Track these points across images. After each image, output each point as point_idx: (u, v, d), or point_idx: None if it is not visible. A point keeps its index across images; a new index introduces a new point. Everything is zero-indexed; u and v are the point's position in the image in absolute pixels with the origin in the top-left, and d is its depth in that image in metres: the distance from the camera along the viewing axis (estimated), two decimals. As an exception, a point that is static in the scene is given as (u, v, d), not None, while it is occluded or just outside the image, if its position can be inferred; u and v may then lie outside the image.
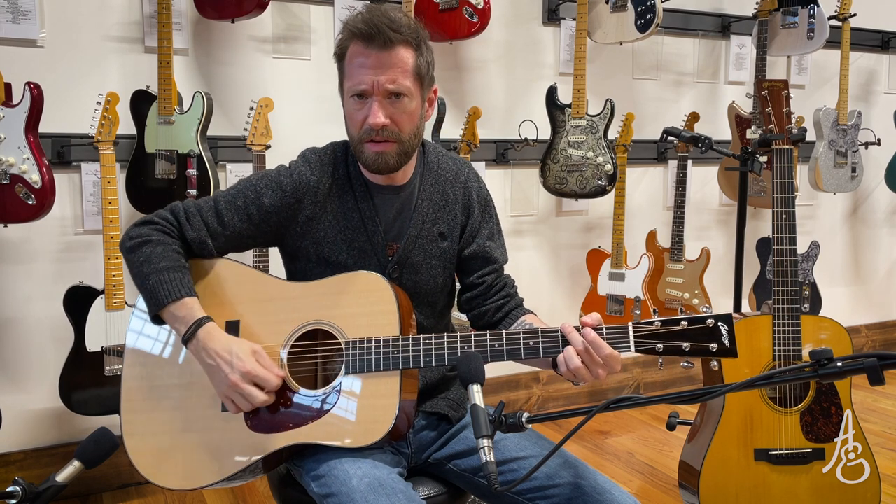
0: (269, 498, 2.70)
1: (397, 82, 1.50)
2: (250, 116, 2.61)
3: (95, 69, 2.71)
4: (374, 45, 1.49)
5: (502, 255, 1.74)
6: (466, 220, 1.70)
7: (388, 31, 1.48)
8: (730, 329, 1.36)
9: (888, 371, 1.07)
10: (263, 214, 1.59)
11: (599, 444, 3.28)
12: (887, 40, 4.23)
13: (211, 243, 1.58)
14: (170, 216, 1.59)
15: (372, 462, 1.43)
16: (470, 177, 1.72)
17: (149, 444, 1.53)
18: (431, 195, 1.66)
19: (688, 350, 1.37)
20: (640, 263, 3.29)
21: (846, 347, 2.12)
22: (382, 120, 1.50)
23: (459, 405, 1.69)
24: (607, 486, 1.47)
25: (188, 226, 1.58)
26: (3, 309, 2.68)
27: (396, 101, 1.51)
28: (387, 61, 1.49)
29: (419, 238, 1.64)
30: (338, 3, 3.03)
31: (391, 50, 1.49)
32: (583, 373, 1.39)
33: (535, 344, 1.44)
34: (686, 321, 1.37)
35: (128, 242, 1.57)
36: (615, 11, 3.20)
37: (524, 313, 1.70)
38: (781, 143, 2.14)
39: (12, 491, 1.26)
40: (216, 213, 1.59)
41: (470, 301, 1.72)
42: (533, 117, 3.33)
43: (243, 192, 1.60)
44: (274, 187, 1.59)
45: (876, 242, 4.46)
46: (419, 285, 1.64)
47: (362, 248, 1.61)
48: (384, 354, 1.47)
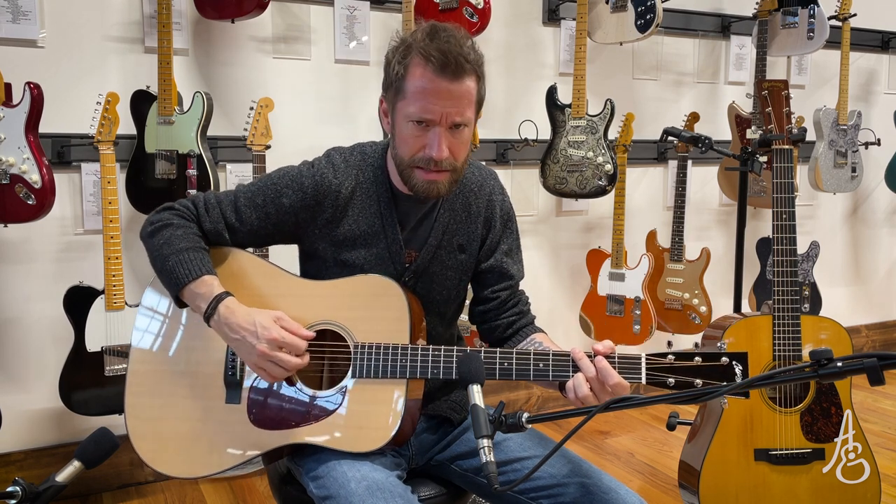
0: (269, 497, 2.70)
1: (465, 115, 1.47)
2: (250, 116, 2.61)
3: (95, 69, 2.71)
4: (445, 75, 1.43)
5: (519, 272, 1.73)
6: (487, 233, 1.68)
7: (462, 63, 1.43)
8: (744, 370, 1.35)
9: (888, 371, 1.07)
10: (282, 214, 1.58)
11: (599, 444, 3.27)
12: (887, 40, 4.23)
13: (227, 236, 1.59)
14: (190, 205, 1.60)
15: (371, 465, 1.43)
16: (495, 189, 1.70)
17: (151, 429, 1.53)
18: (454, 206, 1.64)
19: (699, 386, 1.36)
20: (640, 263, 3.29)
21: (846, 347, 2.12)
22: (446, 153, 1.48)
23: (462, 407, 1.68)
24: (613, 485, 1.47)
25: (206, 217, 1.58)
26: (3, 309, 2.68)
27: (457, 130, 1.48)
28: (457, 93, 1.45)
29: (438, 248, 1.62)
30: (338, 3, 3.03)
31: (460, 82, 1.45)
32: (590, 399, 1.39)
33: (545, 366, 1.43)
34: (700, 356, 1.36)
35: (148, 227, 1.58)
36: (615, 11, 3.20)
37: (535, 331, 1.70)
38: (781, 143, 2.14)
39: (12, 491, 1.26)
40: (235, 208, 1.58)
41: (482, 314, 1.72)
42: (533, 117, 3.33)
43: (264, 189, 1.58)
44: (295, 187, 1.57)
45: (876, 242, 4.46)
46: (432, 294, 1.64)
47: (380, 254, 1.60)
48: (392, 361, 1.47)
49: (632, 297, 3.28)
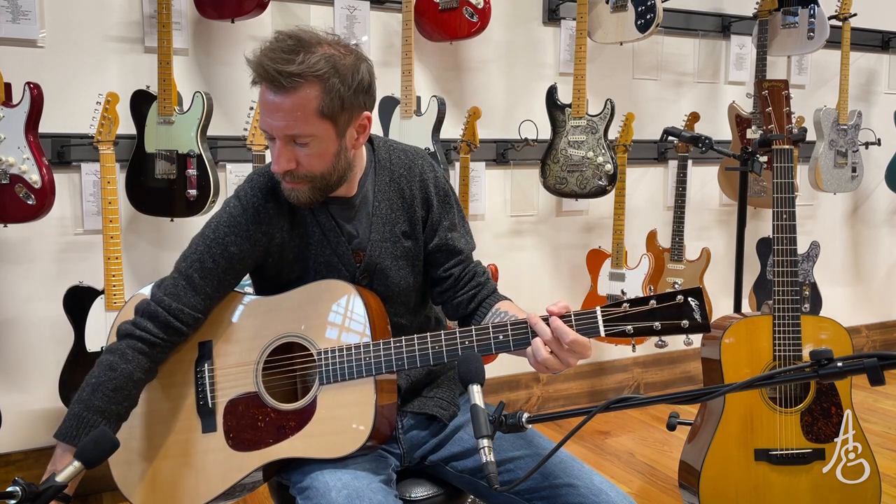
0: (268, 498, 2.70)
1: (295, 129, 1.41)
2: (250, 116, 2.61)
3: (95, 69, 2.71)
4: (271, 88, 1.40)
5: (467, 244, 1.69)
6: (427, 213, 1.65)
7: (282, 77, 1.37)
8: (700, 304, 1.33)
9: (888, 371, 1.07)
10: (237, 262, 1.55)
11: (599, 445, 3.27)
12: (887, 40, 4.23)
13: (203, 318, 1.55)
14: (151, 320, 1.51)
15: (353, 472, 1.43)
16: (424, 168, 1.65)
17: (135, 472, 1.53)
18: (388, 195, 1.62)
19: (659, 329, 1.34)
20: (640, 263, 3.29)
21: (846, 347, 2.12)
22: (284, 166, 1.44)
23: (449, 403, 1.67)
24: (604, 486, 1.46)
25: (175, 321, 1.51)
26: (3, 309, 2.68)
27: (300, 145, 1.44)
28: (284, 106, 1.39)
29: (383, 242, 1.60)
30: (338, 3, 3.03)
31: (288, 94, 1.39)
32: (552, 363, 1.37)
33: (505, 338, 1.41)
34: (655, 299, 1.34)
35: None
36: (615, 11, 3.20)
37: (498, 300, 1.67)
38: (782, 143, 2.14)
39: (12, 491, 1.26)
40: (193, 289, 1.52)
41: (441, 294, 1.69)
42: (533, 117, 3.33)
43: (208, 250, 1.53)
44: (236, 231, 1.54)
45: (876, 242, 4.46)
46: (391, 288, 1.62)
47: (328, 261, 1.59)
48: (356, 361, 1.46)
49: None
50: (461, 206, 1.74)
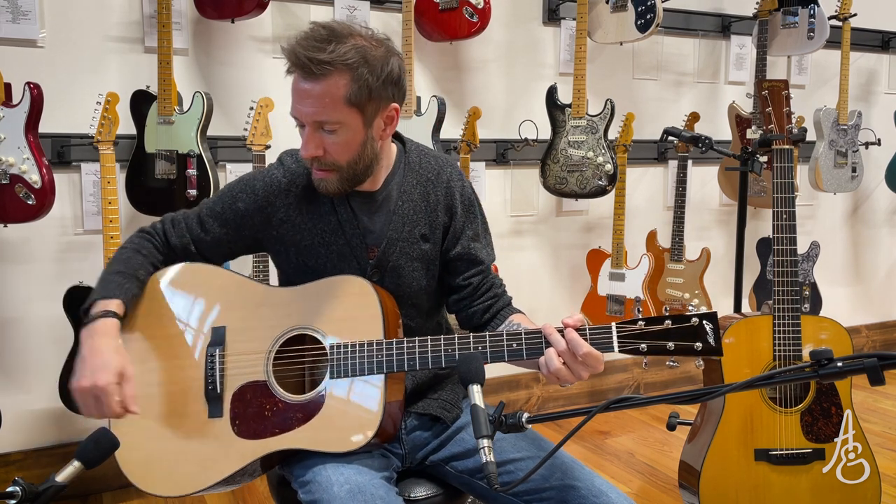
0: (269, 498, 2.70)
1: (323, 116, 1.46)
2: (250, 116, 2.61)
3: (95, 69, 2.71)
4: (302, 75, 1.45)
5: (488, 256, 1.72)
6: (450, 221, 1.67)
7: (313, 65, 1.42)
8: (714, 328, 1.35)
9: (888, 371, 1.07)
10: (239, 219, 1.62)
11: (599, 445, 3.27)
12: (887, 40, 4.23)
13: (194, 249, 1.64)
14: (159, 224, 1.67)
15: (356, 468, 1.43)
16: (453, 176, 1.68)
17: (137, 453, 1.52)
18: (412, 196, 1.64)
19: (672, 349, 1.35)
20: (640, 263, 3.29)
21: (846, 347, 2.12)
22: (311, 152, 1.49)
23: (453, 405, 1.67)
24: (604, 487, 1.46)
25: (173, 233, 1.64)
26: (3, 309, 2.68)
27: (328, 132, 1.48)
28: (314, 94, 1.44)
29: (399, 241, 1.62)
30: (338, 3, 3.03)
31: (318, 81, 1.44)
32: (564, 374, 1.38)
33: (519, 346, 1.43)
34: (670, 320, 1.36)
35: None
36: (615, 11, 3.20)
37: (512, 313, 1.69)
38: (782, 143, 2.14)
39: (12, 491, 1.26)
40: (199, 220, 1.64)
41: (457, 303, 1.71)
42: (533, 117, 3.33)
43: (223, 198, 1.64)
44: (248, 191, 1.62)
45: (876, 242, 4.46)
46: (402, 288, 1.63)
47: (341, 251, 1.60)
48: (368, 358, 1.47)
49: (632, 298, 3.28)
50: (485, 217, 1.76)
